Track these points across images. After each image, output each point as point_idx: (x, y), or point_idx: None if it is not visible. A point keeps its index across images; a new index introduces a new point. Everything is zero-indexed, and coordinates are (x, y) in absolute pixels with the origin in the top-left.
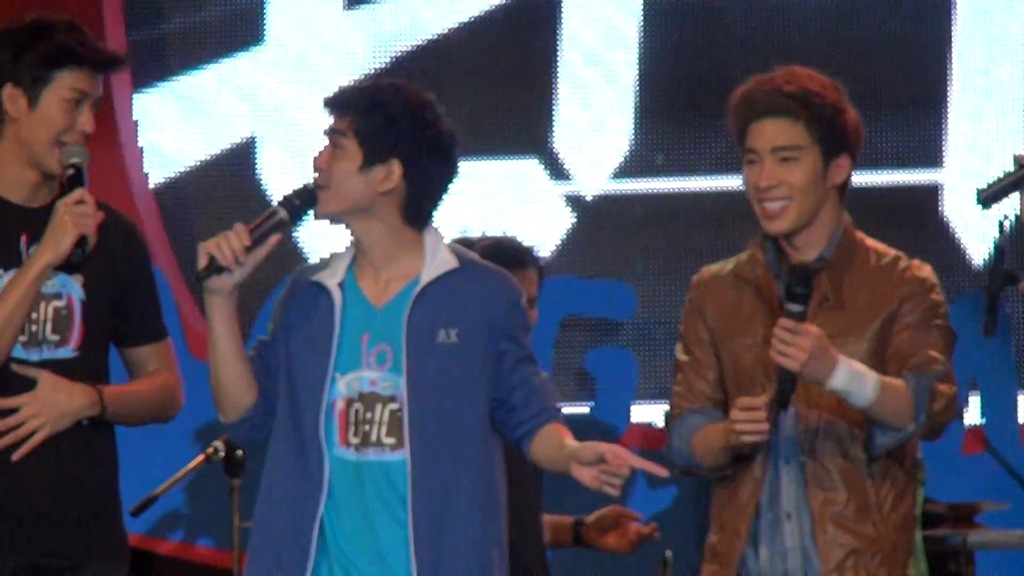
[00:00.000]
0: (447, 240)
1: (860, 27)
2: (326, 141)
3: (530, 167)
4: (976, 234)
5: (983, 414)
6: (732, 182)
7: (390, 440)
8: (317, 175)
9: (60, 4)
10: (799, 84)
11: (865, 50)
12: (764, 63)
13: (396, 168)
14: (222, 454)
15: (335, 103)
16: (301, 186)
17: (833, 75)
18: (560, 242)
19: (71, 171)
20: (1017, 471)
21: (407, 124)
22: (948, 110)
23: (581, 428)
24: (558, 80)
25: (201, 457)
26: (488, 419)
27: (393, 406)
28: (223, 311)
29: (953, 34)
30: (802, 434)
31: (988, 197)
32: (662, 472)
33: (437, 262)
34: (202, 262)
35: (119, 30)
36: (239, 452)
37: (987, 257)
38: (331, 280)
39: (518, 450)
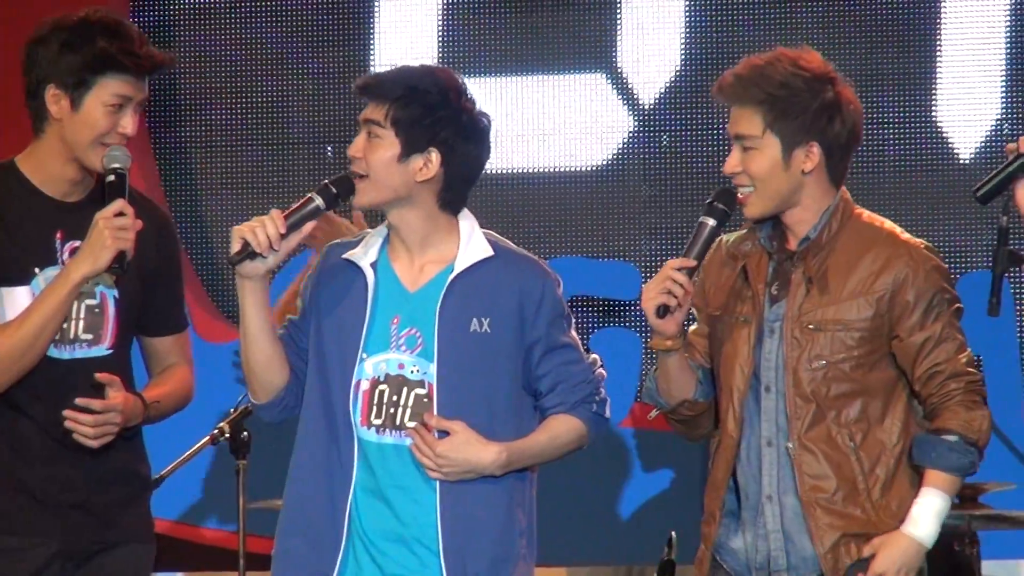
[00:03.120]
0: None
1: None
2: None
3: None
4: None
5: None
6: None
7: (413, 424)
8: (354, 164)
9: None
10: (761, 72)
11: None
12: (769, 44)
13: (434, 157)
14: (228, 436)
15: (370, 90)
16: (339, 174)
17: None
18: (566, 222)
19: (112, 178)
20: (1021, 451)
21: (444, 113)
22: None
23: None
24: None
25: (207, 439)
26: (519, 407)
27: (420, 391)
28: (255, 295)
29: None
30: (790, 421)
31: (986, 193)
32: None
33: (472, 249)
34: (235, 246)
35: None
36: (245, 434)
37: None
38: (364, 260)
39: None
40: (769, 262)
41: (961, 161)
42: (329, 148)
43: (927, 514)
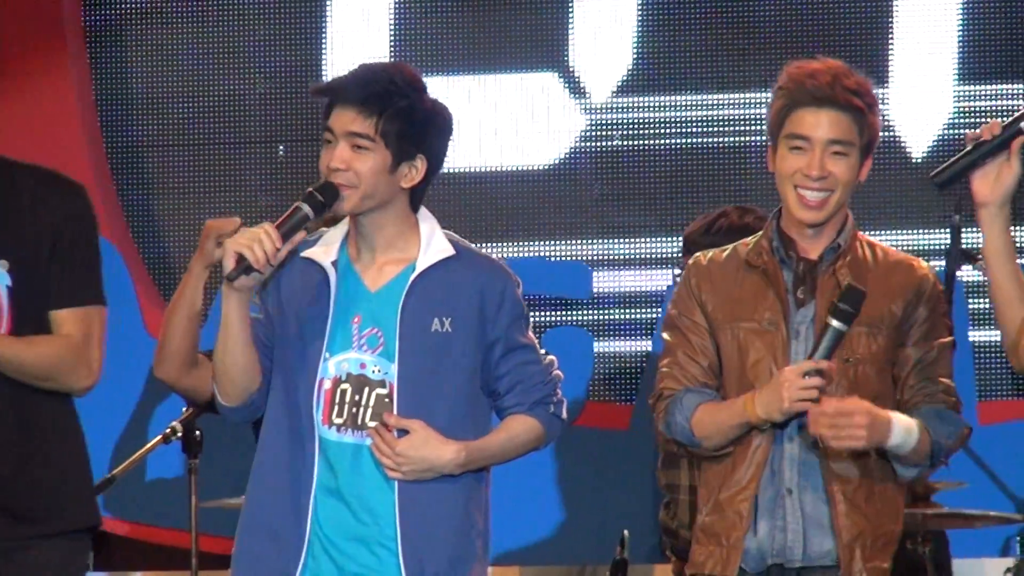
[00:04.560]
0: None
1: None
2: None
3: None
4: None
5: None
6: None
7: (374, 424)
8: (337, 176)
9: None
10: (858, 81)
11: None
12: (720, 43)
13: (420, 163)
14: (180, 434)
15: (350, 100)
16: (323, 181)
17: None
18: (517, 221)
19: None
20: (974, 450)
21: (426, 117)
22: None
23: None
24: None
25: (159, 438)
26: (478, 408)
27: (381, 391)
28: (241, 306)
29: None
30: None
31: (945, 180)
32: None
33: (433, 249)
34: (230, 262)
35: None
36: (197, 432)
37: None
38: (325, 258)
39: None
40: (783, 270)
41: (913, 161)
42: (281, 147)
43: (903, 420)
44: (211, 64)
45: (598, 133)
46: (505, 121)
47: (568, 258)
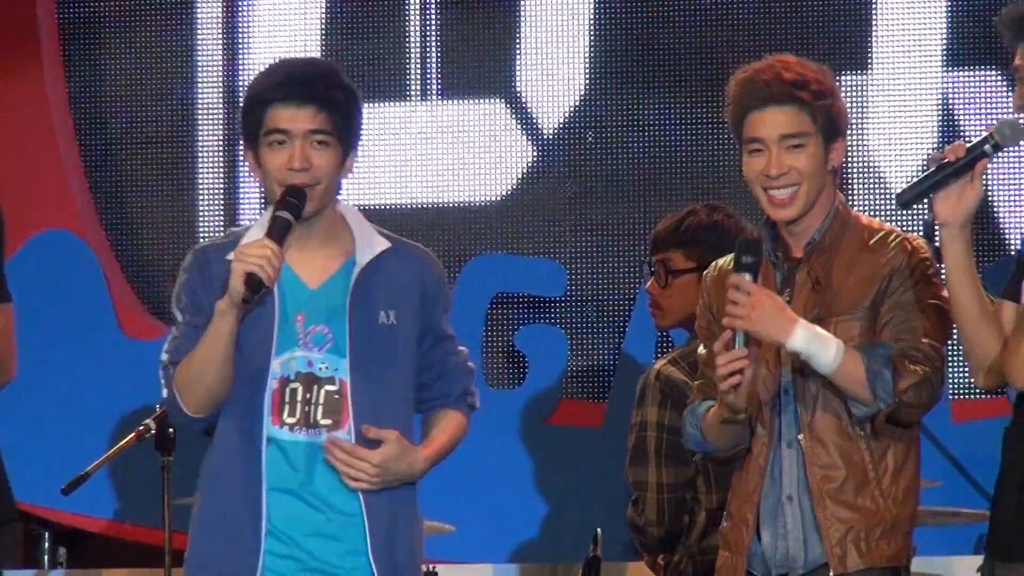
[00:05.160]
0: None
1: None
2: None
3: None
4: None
5: None
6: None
7: (326, 421)
8: (300, 176)
9: None
10: (798, 72)
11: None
12: (695, 39)
13: (354, 152)
14: (153, 432)
15: (310, 102)
16: (290, 185)
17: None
18: (490, 219)
19: None
20: (948, 448)
21: (359, 106)
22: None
23: (513, 406)
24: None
25: (133, 435)
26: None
27: (330, 387)
28: (236, 323)
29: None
30: (800, 412)
31: (908, 200)
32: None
33: (369, 242)
34: (241, 284)
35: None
36: (171, 430)
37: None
38: None
39: None
40: (775, 272)
41: (892, 158)
42: None
43: (820, 332)
44: (185, 64)
45: (571, 131)
46: (480, 117)
47: (542, 256)
